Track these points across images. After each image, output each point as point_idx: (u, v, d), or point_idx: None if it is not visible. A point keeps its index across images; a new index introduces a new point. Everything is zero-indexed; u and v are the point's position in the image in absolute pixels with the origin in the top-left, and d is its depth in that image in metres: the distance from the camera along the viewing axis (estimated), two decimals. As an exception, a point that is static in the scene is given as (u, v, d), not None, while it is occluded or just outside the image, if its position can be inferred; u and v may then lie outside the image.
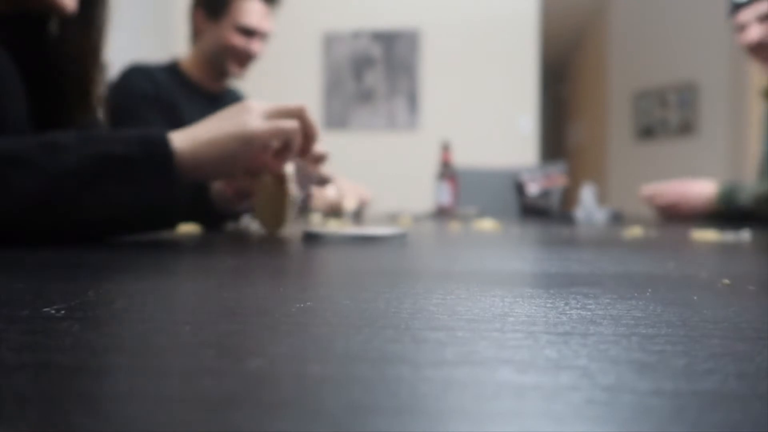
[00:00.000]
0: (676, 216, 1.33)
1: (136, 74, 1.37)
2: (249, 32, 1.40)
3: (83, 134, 0.51)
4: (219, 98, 1.51)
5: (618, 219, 1.41)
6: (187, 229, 0.69)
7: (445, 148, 1.90)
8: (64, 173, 0.48)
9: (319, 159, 0.67)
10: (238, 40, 1.40)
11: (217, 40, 1.40)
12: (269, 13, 1.44)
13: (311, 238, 0.60)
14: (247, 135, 0.56)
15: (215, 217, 0.79)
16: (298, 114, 0.61)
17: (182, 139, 0.55)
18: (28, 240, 0.50)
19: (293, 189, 0.66)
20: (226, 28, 1.39)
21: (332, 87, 4.01)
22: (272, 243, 0.58)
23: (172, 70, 1.45)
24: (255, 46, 1.43)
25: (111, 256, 0.43)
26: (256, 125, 0.57)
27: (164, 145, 0.52)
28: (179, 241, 0.56)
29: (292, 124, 0.59)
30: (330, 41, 3.99)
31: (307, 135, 0.63)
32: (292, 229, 0.70)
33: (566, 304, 0.25)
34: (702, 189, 1.28)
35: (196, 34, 1.45)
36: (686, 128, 4.77)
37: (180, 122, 1.37)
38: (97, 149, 0.50)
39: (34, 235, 0.50)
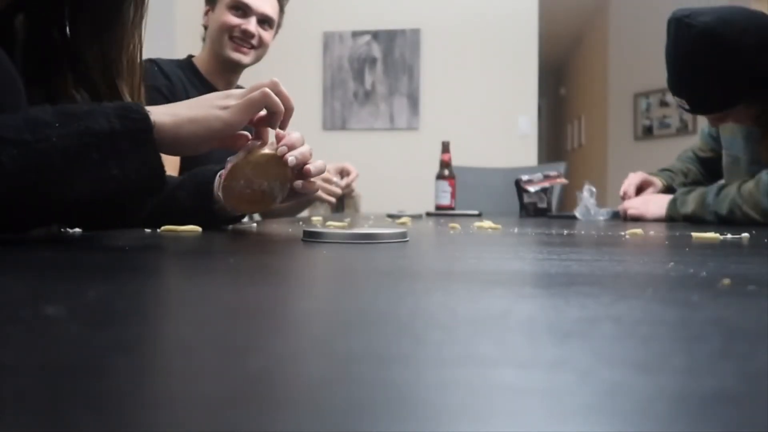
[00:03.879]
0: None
1: (146, 66, 1.38)
2: (242, 9, 1.41)
3: (63, 109, 0.53)
4: None
5: (618, 219, 1.41)
6: (188, 229, 0.69)
7: (445, 149, 1.90)
8: (49, 150, 0.49)
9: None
10: (231, 18, 1.40)
11: (214, 24, 1.42)
12: None
13: (311, 238, 0.60)
14: (226, 118, 0.60)
15: (218, 220, 0.79)
16: (274, 89, 0.64)
17: (163, 113, 0.57)
18: (17, 222, 0.51)
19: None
20: (220, 9, 1.42)
21: (332, 87, 4.00)
22: (272, 243, 0.58)
23: (186, 65, 1.46)
24: (251, 26, 1.42)
25: (111, 256, 0.43)
26: (234, 107, 0.60)
27: (143, 118, 0.54)
28: (179, 241, 0.56)
29: (260, 93, 0.62)
30: (330, 41, 3.98)
31: (280, 109, 0.65)
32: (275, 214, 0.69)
33: (566, 304, 0.25)
34: (657, 211, 1.37)
35: (206, 32, 1.47)
36: (686, 128, 4.77)
37: None
38: (79, 125, 0.51)
39: (24, 214, 0.51)
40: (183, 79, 1.42)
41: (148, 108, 0.56)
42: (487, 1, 3.90)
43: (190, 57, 1.51)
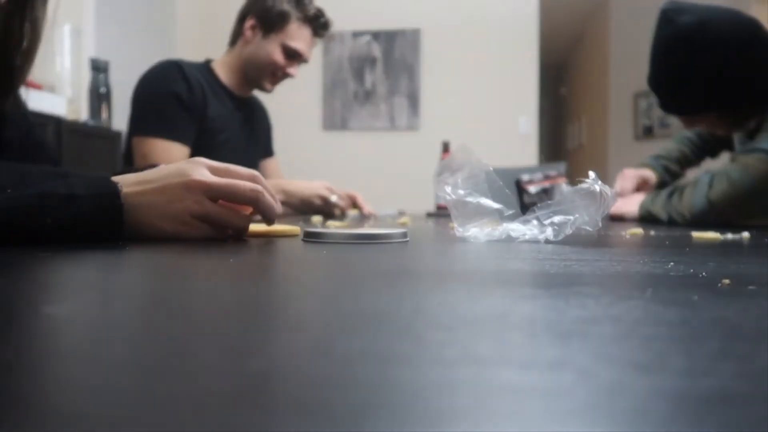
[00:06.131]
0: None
1: (169, 69, 1.38)
2: (293, 55, 1.44)
3: (16, 170, 0.50)
4: (245, 102, 1.55)
5: (617, 219, 1.41)
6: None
7: (446, 149, 1.90)
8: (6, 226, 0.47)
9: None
10: (282, 59, 1.44)
11: (261, 53, 1.44)
12: (313, 44, 1.49)
13: (311, 238, 0.60)
14: (175, 236, 0.56)
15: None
16: (251, 201, 0.59)
17: (132, 191, 0.54)
18: None
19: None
20: (274, 45, 1.43)
21: (332, 87, 4.00)
22: (272, 243, 0.58)
23: (205, 69, 1.47)
24: (294, 70, 1.48)
25: (111, 256, 0.43)
26: (188, 232, 0.56)
27: (111, 184, 0.52)
28: (179, 241, 0.56)
29: (213, 232, 0.58)
30: (330, 41, 3.98)
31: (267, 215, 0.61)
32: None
33: (566, 304, 0.25)
34: (634, 208, 1.38)
35: (238, 40, 1.47)
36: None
37: (207, 120, 1.40)
38: (35, 188, 0.49)
39: None
40: (203, 84, 1.42)
41: (118, 179, 0.54)
42: (487, 1, 3.90)
43: (208, 62, 1.52)
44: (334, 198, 1.45)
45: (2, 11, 0.64)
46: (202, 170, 0.57)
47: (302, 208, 1.43)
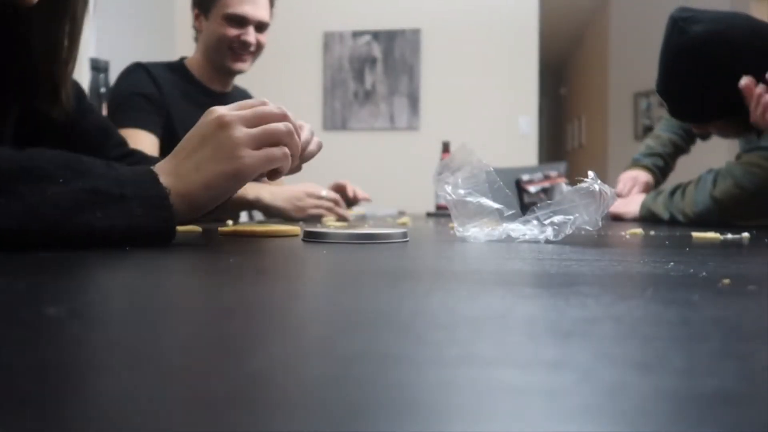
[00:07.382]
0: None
1: (136, 72, 1.38)
2: (239, 21, 1.40)
3: (70, 162, 0.49)
4: (225, 98, 1.51)
5: (616, 219, 1.41)
6: (188, 229, 0.69)
7: (446, 149, 1.90)
8: (47, 207, 0.45)
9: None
10: (229, 30, 1.39)
11: (210, 35, 1.41)
12: (262, 2, 1.42)
13: (311, 238, 0.60)
14: (242, 174, 0.54)
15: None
16: (282, 119, 0.57)
17: (173, 182, 0.52)
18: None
19: None
20: (216, 21, 1.40)
21: (332, 87, 4.00)
22: (272, 243, 0.58)
23: (178, 67, 1.45)
24: (250, 36, 1.41)
25: (111, 256, 0.43)
26: (249, 162, 0.54)
27: (158, 185, 0.50)
28: (179, 241, 0.56)
29: (282, 152, 0.56)
30: (330, 41, 3.98)
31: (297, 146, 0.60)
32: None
33: (566, 304, 0.25)
34: (632, 210, 1.40)
35: (197, 34, 1.46)
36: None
37: (174, 120, 1.38)
38: (84, 182, 0.47)
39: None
40: (174, 84, 1.41)
41: (157, 170, 0.52)
42: (487, 1, 3.90)
43: (182, 59, 1.50)
44: (324, 192, 1.40)
45: (43, 14, 0.64)
46: (240, 128, 0.54)
47: (288, 212, 1.29)
